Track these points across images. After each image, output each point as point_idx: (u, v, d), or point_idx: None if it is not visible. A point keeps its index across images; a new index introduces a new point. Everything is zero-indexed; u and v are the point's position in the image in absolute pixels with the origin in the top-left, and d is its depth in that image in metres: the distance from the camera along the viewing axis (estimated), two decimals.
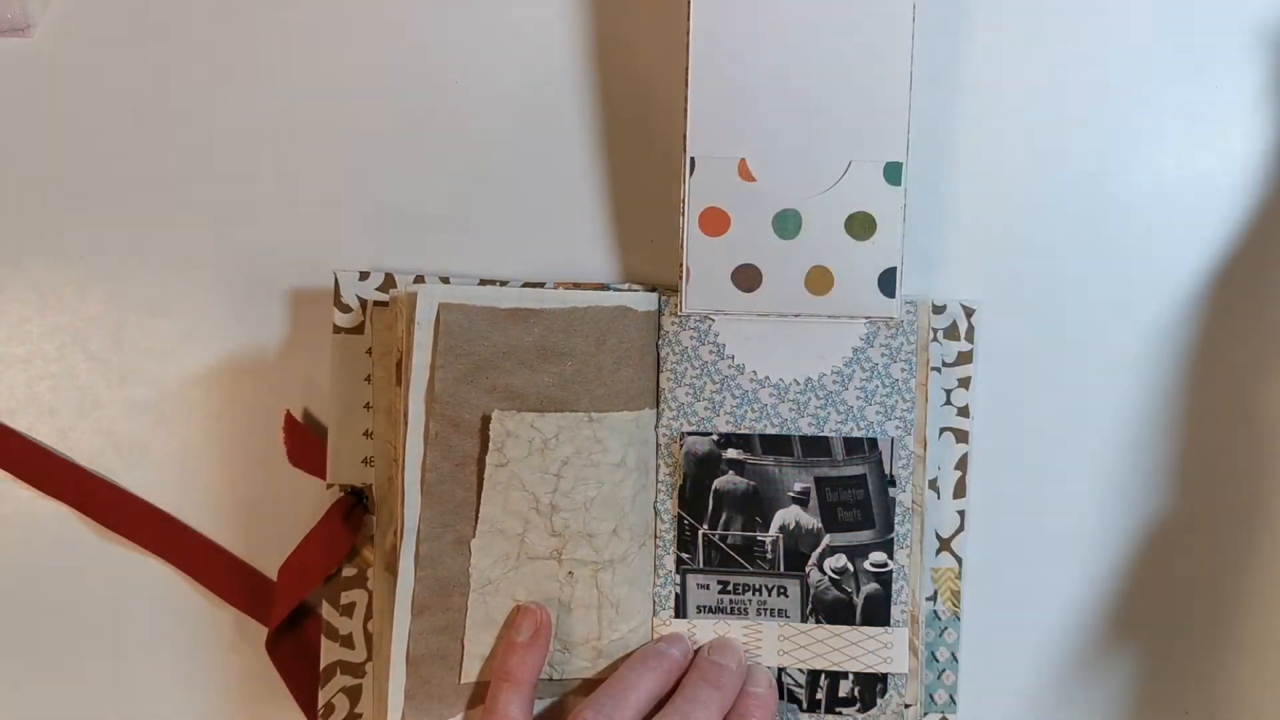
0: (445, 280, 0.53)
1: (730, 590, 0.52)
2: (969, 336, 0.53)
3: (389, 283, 0.53)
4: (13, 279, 0.55)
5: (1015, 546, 0.53)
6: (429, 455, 0.49)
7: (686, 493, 0.51)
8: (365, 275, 0.53)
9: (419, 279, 0.53)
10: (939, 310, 0.52)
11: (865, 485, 0.51)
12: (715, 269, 0.50)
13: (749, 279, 0.50)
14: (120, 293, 0.55)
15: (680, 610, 0.52)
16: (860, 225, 0.50)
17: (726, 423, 0.51)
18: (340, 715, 0.53)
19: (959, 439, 0.53)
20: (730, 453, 0.51)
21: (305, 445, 0.53)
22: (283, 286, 0.54)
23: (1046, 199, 0.53)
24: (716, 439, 0.51)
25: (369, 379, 0.52)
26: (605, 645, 0.51)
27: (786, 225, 0.50)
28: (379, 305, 0.52)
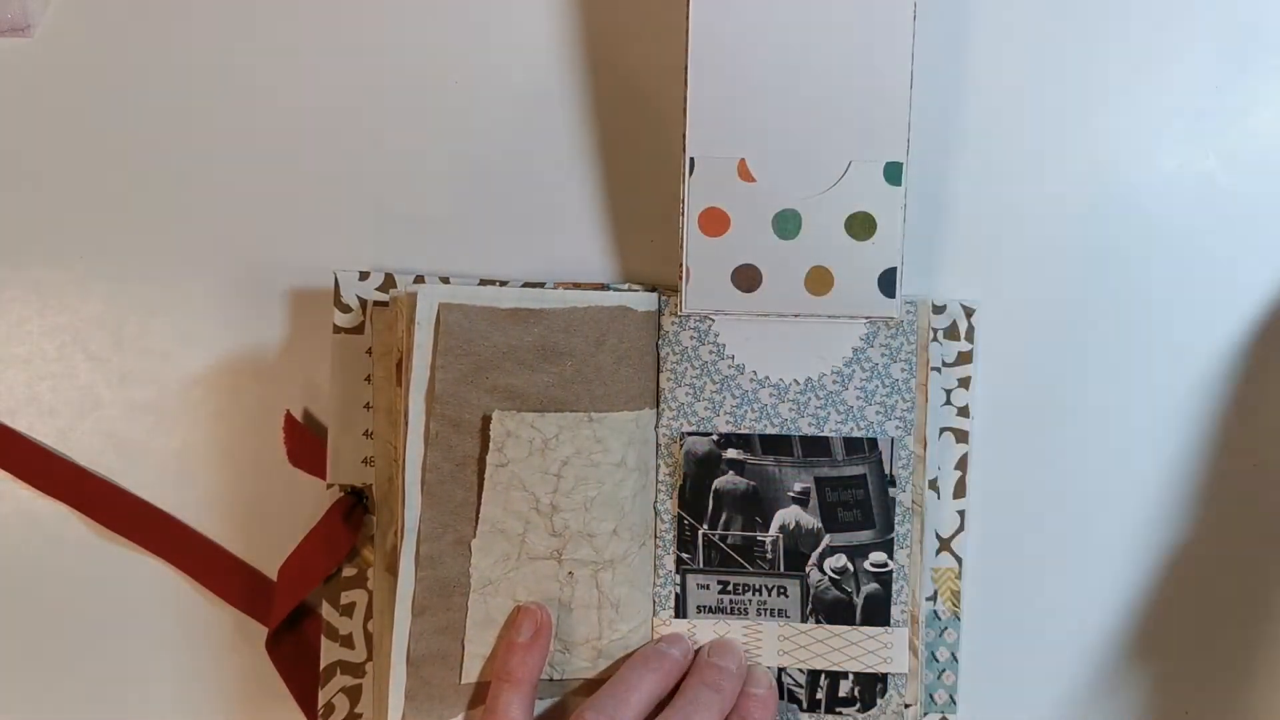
0: (445, 280, 0.53)
1: (730, 590, 0.51)
2: (969, 336, 0.53)
3: (389, 283, 0.53)
4: (13, 279, 0.55)
5: (1015, 546, 0.53)
6: (429, 455, 0.49)
7: (686, 493, 0.51)
8: (365, 275, 0.53)
9: (419, 279, 0.53)
10: (939, 310, 0.52)
11: (865, 485, 0.51)
12: (715, 269, 0.50)
13: (749, 279, 0.50)
14: (120, 293, 0.55)
15: (680, 610, 0.52)
16: (860, 225, 0.50)
17: (726, 423, 0.51)
18: (340, 715, 0.53)
19: (959, 439, 0.53)
20: (730, 453, 0.51)
21: (305, 445, 0.53)
22: (283, 286, 0.54)
23: (1046, 199, 0.53)
24: (716, 439, 0.51)
25: (369, 379, 0.52)
26: (605, 645, 0.51)
27: (786, 225, 0.50)
28: (379, 305, 0.52)
